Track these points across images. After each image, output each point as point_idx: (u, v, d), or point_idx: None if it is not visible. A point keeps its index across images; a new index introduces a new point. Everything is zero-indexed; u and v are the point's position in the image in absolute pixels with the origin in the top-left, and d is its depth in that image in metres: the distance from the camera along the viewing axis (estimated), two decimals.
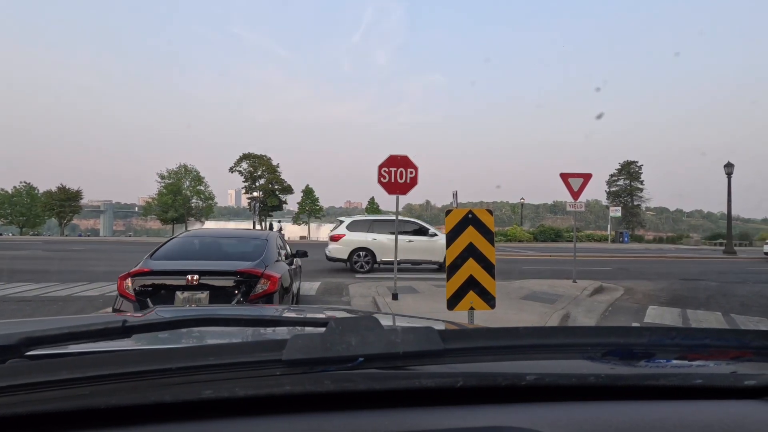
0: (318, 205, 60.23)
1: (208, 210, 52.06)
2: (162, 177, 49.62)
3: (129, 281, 4.61)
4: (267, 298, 4.72)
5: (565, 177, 10.32)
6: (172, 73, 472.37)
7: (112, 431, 0.49)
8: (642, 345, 0.70)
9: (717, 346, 0.71)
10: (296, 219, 60.52)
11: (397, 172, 7.95)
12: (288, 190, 59.02)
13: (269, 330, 1.03)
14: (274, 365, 0.55)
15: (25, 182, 51.63)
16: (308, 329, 0.82)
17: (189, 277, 4.54)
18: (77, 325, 0.73)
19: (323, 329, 0.62)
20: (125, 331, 0.72)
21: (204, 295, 4.57)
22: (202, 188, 51.76)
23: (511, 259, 19.01)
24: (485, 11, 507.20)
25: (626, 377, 0.65)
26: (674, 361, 0.70)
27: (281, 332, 0.98)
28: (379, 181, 7.97)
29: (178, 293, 4.54)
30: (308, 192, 60.30)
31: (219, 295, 4.61)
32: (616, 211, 43.13)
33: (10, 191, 49.77)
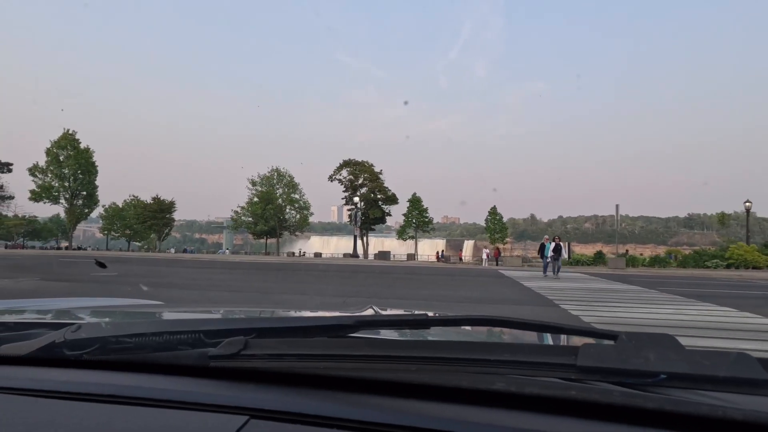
0: (427, 217, 51.45)
1: (303, 222, 45.08)
2: (253, 183, 43.22)
3: None
4: None
5: None
6: (278, 99, 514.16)
7: (408, 402, 0.56)
8: None
9: None
10: (401, 233, 52.48)
11: None
12: (392, 200, 51.41)
13: (552, 336, 1.04)
14: (567, 370, 0.54)
15: (133, 195, 51.04)
16: (593, 339, 0.72)
17: None
18: (397, 314, 1.02)
19: (612, 341, 0.61)
20: (427, 323, 0.83)
21: None
22: (296, 196, 45.00)
23: None
24: (589, 15, 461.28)
25: None
26: None
27: (565, 340, 0.99)
28: None
29: None
30: (415, 202, 51.82)
31: None
32: None
33: (119, 205, 50.13)
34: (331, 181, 51.86)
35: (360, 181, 51.64)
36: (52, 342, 0.70)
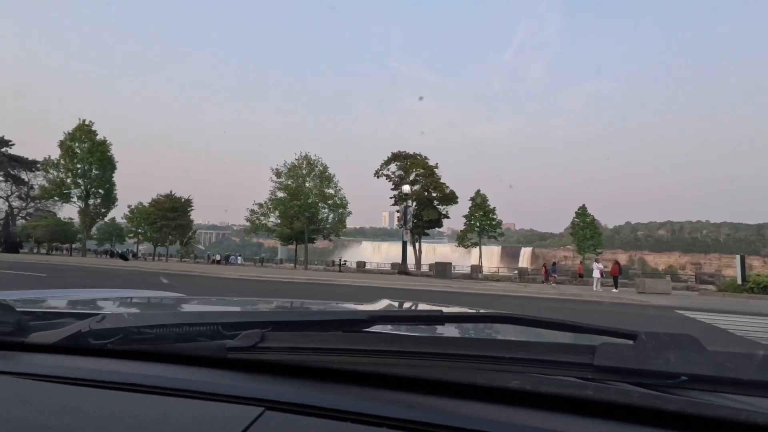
0: (494, 219, 41.90)
1: (339, 223, 33.23)
2: (278, 174, 31.08)
3: None
4: None
5: None
6: (328, 109, 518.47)
7: (421, 398, 0.56)
8: None
9: None
10: (462, 239, 43.32)
11: None
12: (450, 198, 42.52)
13: (569, 335, 1.03)
14: (584, 369, 0.54)
15: (161, 195, 42.77)
16: (611, 339, 0.71)
17: None
18: (409, 309, 1.01)
19: (631, 341, 0.60)
20: (441, 319, 0.84)
21: None
22: (331, 191, 32.47)
23: None
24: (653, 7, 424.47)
25: None
26: None
27: (583, 338, 0.98)
28: None
29: None
30: (480, 200, 42.48)
31: None
32: None
33: (146, 205, 43.16)
34: (378, 177, 43.91)
35: (411, 177, 43.32)
36: (78, 331, 0.73)
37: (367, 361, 0.60)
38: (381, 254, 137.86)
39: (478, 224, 41.87)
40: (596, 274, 20.13)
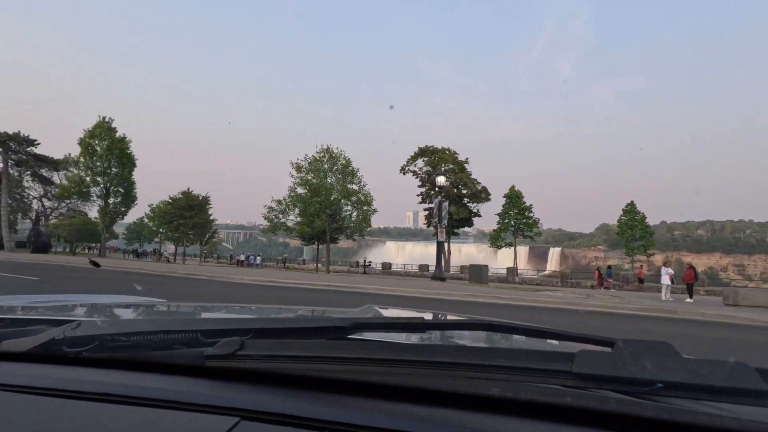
0: (530, 218, 38.78)
1: (364, 222, 29.16)
2: (298, 168, 27.49)
3: None
4: None
5: None
6: (355, 109, 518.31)
7: (402, 406, 0.56)
8: None
9: None
10: (495, 239, 39.82)
11: None
12: (481, 195, 39.78)
13: (548, 342, 1.03)
14: (563, 376, 0.54)
15: (188, 191, 40.07)
16: (589, 346, 0.74)
17: None
18: (393, 317, 0.99)
19: (609, 348, 0.60)
20: (424, 327, 0.83)
21: None
22: (355, 187, 28.41)
23: None
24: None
25: None
26: None
27: (561, 346, 0.99)
28: None
29: None
30: (514, 197, 39.11)
31: None
32: None
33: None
34: (404, 173, 41.59)
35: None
36: (52, 339, 0.70)
37: (348, 369, 0.59)
38: (405, 255, 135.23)
39: (512, 223, 38.78)
40: (665, 280, 16.85)
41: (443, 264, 41.23)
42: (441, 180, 15.83)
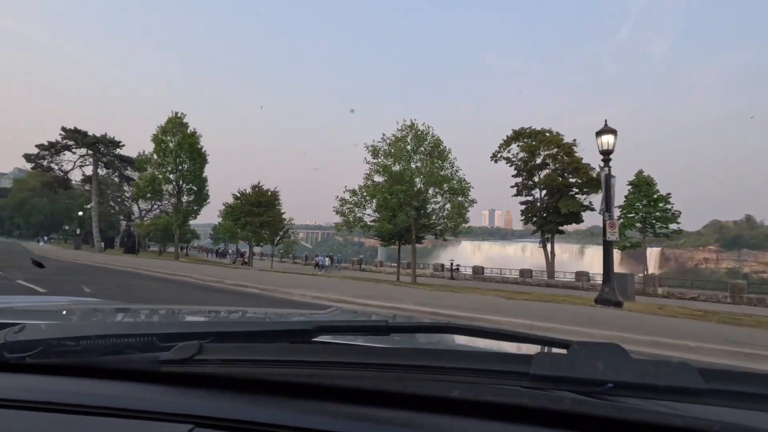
0: (669, 210, 30.47)
1: (458, 218, 21.06)
2: (375, 153, 20.76)
3: None
4: None
5: None
6: (426, 108, 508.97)
7: (365, 409, 0.56)
8: None
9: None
10: (622, 238, 31.73)
11: None
12: (595, 182, 32.16)
13: (509, 344, 1.04)
14: (521, 377, 0.56)
15: (258, 185, 36.15)
16: (546, 348, 0.77)
17: None
18: (354, 320, 0.99)
19: (564, 350, 0.63)
20: (387, 329, 0.85)
21: None
22: (446, 173, 20.75)
23: None
24: None
25: None
26: None
27: (521, 348, 1.00)
28: None
29: None
30: (643, 184, 31.16)
31: None
32: None
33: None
34: (496, 161, 35.19)
35: (539, 160, 33.89)
36: None
37: (310, 372, 0.58)
38: (482, 255, 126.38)
39: (641, 217, 31.06)
40: None
41: (546, 268, 34.49)
42: (608, 140, 9.90)
